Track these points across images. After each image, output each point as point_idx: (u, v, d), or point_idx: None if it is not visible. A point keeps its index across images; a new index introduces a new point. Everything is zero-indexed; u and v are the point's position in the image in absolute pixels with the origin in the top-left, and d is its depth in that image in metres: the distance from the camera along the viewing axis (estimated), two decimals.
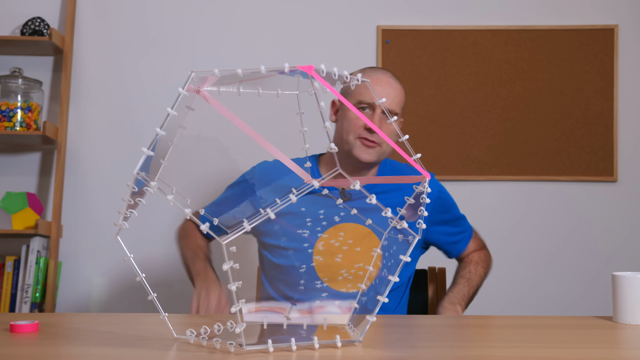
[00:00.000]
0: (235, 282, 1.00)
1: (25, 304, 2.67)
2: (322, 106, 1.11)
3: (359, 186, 1.09)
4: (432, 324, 1.46)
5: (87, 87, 2.91)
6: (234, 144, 2.67)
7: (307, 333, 1.24)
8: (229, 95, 1.18)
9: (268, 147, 1.21)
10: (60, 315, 1.55)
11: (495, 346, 1.19)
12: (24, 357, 1.07)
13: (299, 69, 1.06)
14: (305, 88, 1.12)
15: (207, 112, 1.25)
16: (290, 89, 1.19)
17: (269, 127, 1.78)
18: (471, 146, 2.86)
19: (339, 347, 1.10)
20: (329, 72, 1.07)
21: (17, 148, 2.91)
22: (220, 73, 1.07)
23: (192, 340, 1.15)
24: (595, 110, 2.85)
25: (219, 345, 1.10)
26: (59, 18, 2.91)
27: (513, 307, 2.80)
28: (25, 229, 2.70)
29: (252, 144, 1.27)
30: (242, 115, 1.18)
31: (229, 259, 0.99)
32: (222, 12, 2.93)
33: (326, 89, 1.09)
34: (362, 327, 1.16)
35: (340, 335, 1.12)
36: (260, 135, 1.19)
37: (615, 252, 2.85)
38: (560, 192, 2.86)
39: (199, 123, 1.28)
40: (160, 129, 1.07)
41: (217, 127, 2.23)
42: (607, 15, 2.88)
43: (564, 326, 1.40)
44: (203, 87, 1.14)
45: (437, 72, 2.88)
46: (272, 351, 1.06)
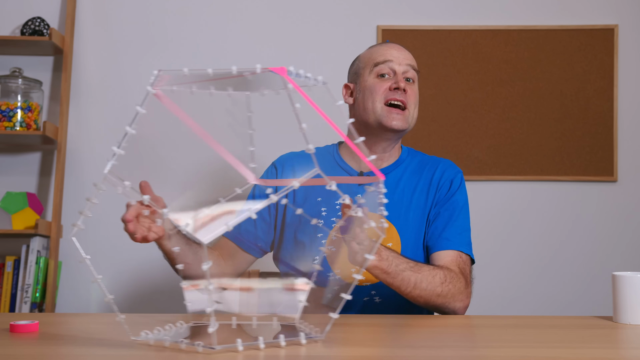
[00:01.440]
0: (210, 281, 1.01)
1: (25, 304, 2.67)
2: (297, 107, 1.11)
3: (334, 187, 1.09)
4: (432, 324, 1.46)
5: (87, 87, 2.90)
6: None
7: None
8: (202, 95, 1.19)
9: (215, 147, 1.22)
10: (60, 315, 1.55)
11: (495, 346, 1.19)
12: (24, 357, 1.07)
13: (271, 70, 1.07)
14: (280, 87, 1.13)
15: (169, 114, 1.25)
16: (271, 89, 1.21)
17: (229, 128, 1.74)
18: (471, 146, 2.86)
19: (303, 345, 1.13)
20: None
21: (17, 148, 2.91)
22: (190, 72, 1.08)
23: (153, 342, 1.14)
24: (595, 110, 2.85)
25: (184, 345, 1.09)
26: (59, 18, 2.91)
27: (513, 307, 2.80)
28: (25, 229, 2.70)
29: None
30: (206, 116, 1.20)
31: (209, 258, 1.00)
32: (222, 13, 2.93)
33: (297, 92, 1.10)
34: (325, 324, 1.18)
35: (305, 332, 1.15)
36: (209, 135, 1.20)
37: (615, 252, 2.85)
38: (560, 192, 2.86)
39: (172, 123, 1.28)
40: (129, 127, 1.08)
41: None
42: (607, 15, 2.88)
43: (564, 326, 1.40)
44: (159, 85, 1.14)
45: (437, 72, 2.88)
46: (241, 350, 1.06)
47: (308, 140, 1.06)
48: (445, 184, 1.76)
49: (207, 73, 1.07)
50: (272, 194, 1.08)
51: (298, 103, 1.10)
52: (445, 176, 1.77)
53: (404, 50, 1.79)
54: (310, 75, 1.14)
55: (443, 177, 1.77)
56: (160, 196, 1.40)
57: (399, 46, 1.80)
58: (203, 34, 2.91)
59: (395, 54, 1.75)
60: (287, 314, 1.28)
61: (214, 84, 1.18)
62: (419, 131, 2.84)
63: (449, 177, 1.77)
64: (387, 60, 1.74)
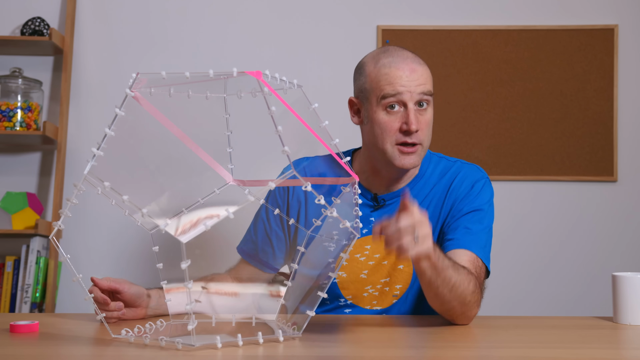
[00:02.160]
0: (189, 280, 1.03)
1: (25, 304, 2.67)
2: (272, 110, 1.11)
3: (310, 187, 1.10)
4: (431, 324, 1.46)
5: (87, 87, 2.90)
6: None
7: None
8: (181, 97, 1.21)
9: (194, 148, 1.22)
10: (60, 315, 1.55)
11: (495, 346, 1.19)
12: (24, 357, 1.07)
13: (248, 74, 1.09)
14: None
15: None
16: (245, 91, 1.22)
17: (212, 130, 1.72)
18: (471, 146, 2.86)
19: (281, 342, 1.15)
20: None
21: (17, 148, 2.91)
22: (168, 75, 1.09)
23: (132, 340, 1.16)
24: (595, 110, 2.85)
25: (164, 343, 1.11)
26: (59, 18, 2.91)
27: (513, 307, 2.80)
28: (25, 229, 2.70)
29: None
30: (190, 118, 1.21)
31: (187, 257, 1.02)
32: (222, 13, 2.93)
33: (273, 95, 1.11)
34: (302, 322, 1.21)
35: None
36: (188, 137, 1.21)
37: (615, 252, 2.85)
38: (560, 192, 2.86)
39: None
40: (109, 129, 1.09)
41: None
42: (607, 15, 2.88)
43: (564, 326, 1.40)
44: (137, 87, 1.15)
45: (437, 72, 2.87)
46: (220, 347, 1.08)
47: (284, 142, 1.07)
48: (462, 190, 1.61)
49: (185, 76, 1.08)
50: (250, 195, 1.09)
51: (274, 106, 1.10)
52: (465, 183, 1.62)
53: (416, 71, 1.54)
54: (286, 79, 1.15)
55: (463, 184, 1.62)
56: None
57: (412, 62, 1.55)
58: (203, 34, 2.91)
59: (406, 82, 1.51)
60: (266, 314, 1.30)
61: (192, 87, 1.19)
62: None
63: (469, 183, 1.62)
64: (396, 93, 1.51)
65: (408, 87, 1.51)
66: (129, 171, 1.32)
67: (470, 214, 1.58)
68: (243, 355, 1.05)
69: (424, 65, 1.56)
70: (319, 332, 1.28)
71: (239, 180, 1.38)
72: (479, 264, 1.52)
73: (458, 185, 1.62)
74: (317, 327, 1.34)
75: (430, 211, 1.61)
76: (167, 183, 1.53)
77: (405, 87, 1.51)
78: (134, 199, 1.15)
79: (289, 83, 1.19)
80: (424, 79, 1.53)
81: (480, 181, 1.62)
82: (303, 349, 1.12)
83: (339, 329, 1.33)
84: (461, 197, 1.60)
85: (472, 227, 1.56)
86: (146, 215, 1.11)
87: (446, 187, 1.62)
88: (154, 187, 1.33)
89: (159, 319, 1.36)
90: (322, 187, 1.46)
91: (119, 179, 1.17)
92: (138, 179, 1.35)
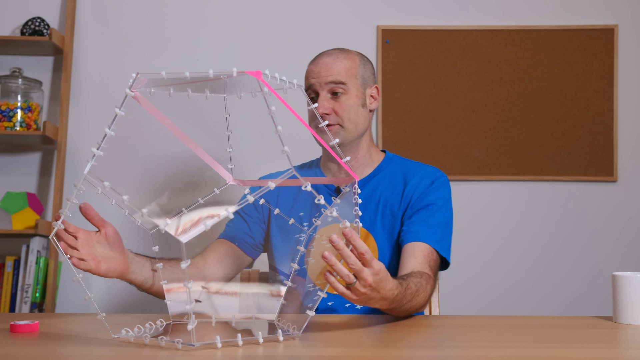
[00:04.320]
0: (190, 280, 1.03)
1: (25, 304, 2.68)
2: (272, 110, 1.12)
3: (309, 187, 1.10)
4: (431, 324, 1.46)
5: (87, 87, 2.91)
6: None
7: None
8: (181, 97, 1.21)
9: (194, 148, 1.23)
10: (60, 315, 1.55)
11: (495, 346, 1.19)
12: (24, 357, 1.07)
13: (248, 74, 1.09)
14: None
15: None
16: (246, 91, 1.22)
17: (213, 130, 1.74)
18: (471, 146, 2.86)
19: (281, 342, 1.15)
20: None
21: (17, 148, 2.91)
22: (168, 75, 1.10)
23: (132, 339, 1.17)
24: (595, 110, 2.85)
25: (164, 342, 1.11)
26: (59, 18, 2.91)
27: (513, 307, 2.80)
28: (25, 229, 2.70)
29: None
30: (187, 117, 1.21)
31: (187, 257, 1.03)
32: (222, 13, 2.93)
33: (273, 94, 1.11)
34: (302, 322, 1.22)
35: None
36: (188, 137, 1.21)
37: (615, 252, 2.85)
38: (560, 192, 2.86)
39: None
40: (109, 129, 1.09)
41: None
42: (607, 15, 2.88)
43: (564, 326, 1.40)
44: (137, 87, 1.16)
45: (437, 72, 2.88)
46: (220, 347, 1.09)
47: (284, 142, 1.07)
48: (421, 186, 1.70)
49: (185, 76, 1.09)
50: (249, 195, 1.11)
51: (274, 106, 1.11)
52: (424, 180, 1.71)
53: (327, 64, 1.71)
54: (286, 79, 1.16)
55: (422, 181, 1.71)
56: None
57: (327, 57, 1.73)
58: (203, 34, 2.91)
59: (316, 74, 1.71)
60: (266, 314, 1.31)
61: (191, 87, 1.20)
62: (419, 131, 2.84)
63: (428, 180, 1.71)
64: (310, 85, 1.72)
65: (317, 79, 1.70)
66: (129, 171, 1.32)
67: (428, 208, 1.67)
68: (243, 355, 1.05)
69: (340, 59, 1.73)
70: (319, 332, 1.29)
71: (239, 180, 1.38)
72: (434, 257, 1.60)
73: (418, 181, 1.72)
74: (317, 327, 1.34)
75: (390, 205, 1.71)
76: (167, 183, 1.54)
77: (316, 79, 1.70)
78: (134, 199, 1.15)
79: (289, 83, 1.19)
80: (335, 70, 1.70)
81: (440, 179, 1.72)
82: (303, 349, 1.12)
83: (339, 329, 1.34)
84: (420, 192, 1.70)
85: (430, 220, 1.65)
86: (146, 215, 1.11)
87: (406, 180, 1.73)
88: (154, 187, 1.33)
89: (159, 319, 1.36)
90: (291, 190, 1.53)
91: (119, 179, 1.18)
92: (138, 179, 1.36)
